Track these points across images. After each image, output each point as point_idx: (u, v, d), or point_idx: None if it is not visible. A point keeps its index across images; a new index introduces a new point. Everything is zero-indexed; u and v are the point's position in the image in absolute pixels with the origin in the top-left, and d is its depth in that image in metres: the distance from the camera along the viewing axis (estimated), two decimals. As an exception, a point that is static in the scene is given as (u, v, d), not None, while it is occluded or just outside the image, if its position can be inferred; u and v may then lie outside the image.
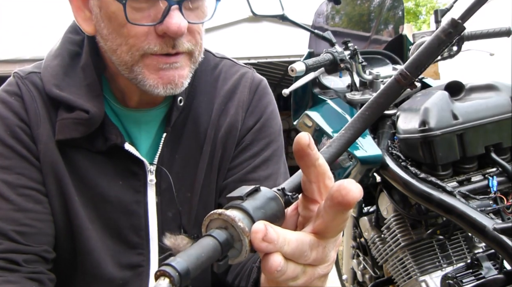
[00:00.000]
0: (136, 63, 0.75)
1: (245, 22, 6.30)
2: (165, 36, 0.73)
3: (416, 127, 1.39)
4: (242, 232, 0.38)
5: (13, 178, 0.78)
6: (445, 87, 1.50)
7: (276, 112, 0.96)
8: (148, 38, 0.73)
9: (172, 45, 0.74)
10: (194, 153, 0.88)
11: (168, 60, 0.75)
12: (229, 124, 0.88)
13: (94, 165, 0.83)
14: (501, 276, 1.26)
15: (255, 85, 0.93)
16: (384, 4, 2.15)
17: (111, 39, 0.75)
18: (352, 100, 1.73)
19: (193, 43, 0.77)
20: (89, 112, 0.79)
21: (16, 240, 0.75)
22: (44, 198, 0.80)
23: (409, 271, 1.53)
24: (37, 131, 0.80)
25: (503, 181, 1.39)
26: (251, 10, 1.42)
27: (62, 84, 0.82)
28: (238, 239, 0.39)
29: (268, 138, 0.91)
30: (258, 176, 0.86)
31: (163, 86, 0.76)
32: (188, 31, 0.75)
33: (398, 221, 1.55)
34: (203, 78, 0.92)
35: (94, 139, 0.82)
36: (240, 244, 0.39)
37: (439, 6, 3.07)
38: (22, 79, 0.84)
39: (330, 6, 2.12)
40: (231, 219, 0.38)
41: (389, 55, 1.98)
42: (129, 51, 0.74)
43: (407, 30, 3.66)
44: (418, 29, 13.46)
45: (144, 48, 0.73)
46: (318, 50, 1.87)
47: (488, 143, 1.41)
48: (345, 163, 1.60)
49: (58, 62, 0.84)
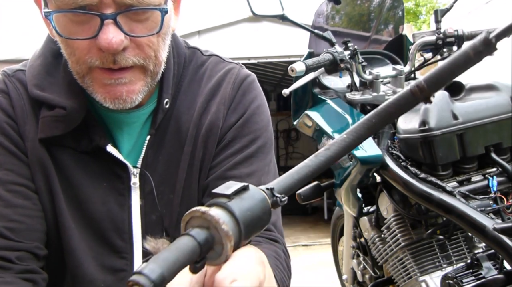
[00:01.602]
0: (86, 75, 0.74)
1: (245, 22, 6.29)
2: (104, 51, 0.70)
3: (416, 127, 1.39)
4: (225, 236, 0.35)
5: (2, 174, 0.78)
6: (445, 87, 1.50)
7: (263, 107, 0.91)
8: (90, 52, 0.71)
9: (112, 60, 0.70)
10: (176, 154, 0.86)
11: (112, 75, 0.72)
12: (210, 122, 0.85)
13: (79, 165, 0.82)
14: (501, 276, 1.26)
15: (240, 81, 0.89)
16: (384, 4, 2.15)
17: (63, 48, 0.75)
18: (352, 100, 1.73)
19: (142, 57, 0.73)
20: (66, 109, 0.78)
21: (7, 236, 0.75)
22: (33, 194, 0.80)
23: (409, 271, 1.53)
24: (24, 128, 0.80)
25: (503, 181, 1.38)
26: (251, 10, 1.42)
27: (43, 84, 0.82)
28: (220, 242, 0.36)
29: (253, 135, 0.87)
30: (239, 173, 0.82)
31: (110, 101, 0.74)
32: (135, 44, 0.71)
33: (398, 221, 1.55)
34: (189, 77, 0.89)
35: (79, 139, 0.81)
36: (221, 247, 0.36)
37: (439, 6, 3.06)
38: (9, 77, 0.84)
39: (330, 6, 2.12)
40: (215, 220, 0.35)
41: (389, 55, 1.98)
42: (77, 62, 0.73)
43: (407, 30, 3.66)
44: (418, 29, 13.46)
45: (87, 61, 0.71)
46: (318, 50, 1.87)
47: (488, 143, 1.41)
48: (345, 163, 1.60)
49: (40, 62, 0.84)
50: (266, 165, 0.88)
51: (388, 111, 0.44)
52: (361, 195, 1.73)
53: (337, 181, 1.70)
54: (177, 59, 0.88)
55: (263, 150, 0.87)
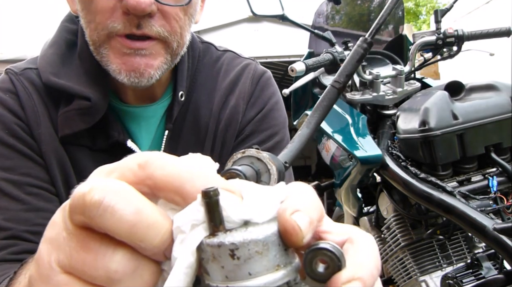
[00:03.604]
0: (103, 44, 0.69)
1: (245, 22, 6.30)
2: (129, 13, 0.65)
3: (416, 127, 1.39)
4: (269, 161, 0.37)
5: (18, 177, 0.72)
6: (445, 87, 1.50)
7: (280, 104, 0.91)
8: (113, 15, 0.66)
9: (137, 24, 0.66)
10: (194, 149, 0.83)
11: (132, 45, 0.68)
12: (229, 117, 0.84)
13: (96, 164, 0.79)
14: (501, 276, 1.26)
15: (258, 76, 0.89)
16: (384, 4, 2.15)
17: (83, 16, 0.70)
18: (352, 100, 1.73)
19: (167, 30, 0.69)
20: (91, 99, 0.73)
21: (31, 240, 0.70)
22: (54, 197, 0.75)
23: (409, 271, 1.53)
24: (37, 131, 0.75)
25: (503, 181, 1.38)
26: (251, 10, 1.42)
27: (60, 73, 0.76)
28: (265, 170, 0.37)
29: (271, 130, 0.86)
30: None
31: (126, 73, 0.69)
32: (162, 14, 0.68)
33: (398, 221, 1.55)
34: (204, 72, 0.88)
35: (95, 136, 0.77)
36: (268, 175, 0.37)
37: (439, 6, 3.04)
38: (17, 75, 0.78)
39: (330, 6, 2.13)
40: (256, 152, 0.37)
41: (389, 55, 1.98)
42: (95, 29, 0.68)
43: (407, 30, 3.65)
44: (418, 29, 13.46)
45: (108, 26, 0.67)
46: (318, 50, 1.88)
47: (488, 143, 1.41)
48: (345, 163, 1.60)
49: (54, 51, 0.79)
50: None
51: (323, 105, 0.59)
52: (361, 195, 1.73)
53: (337, 181, 1.70)
54: (191, 53, 0.87)
55: (280, 145, 0.87)
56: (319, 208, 0.29)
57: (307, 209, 0.28)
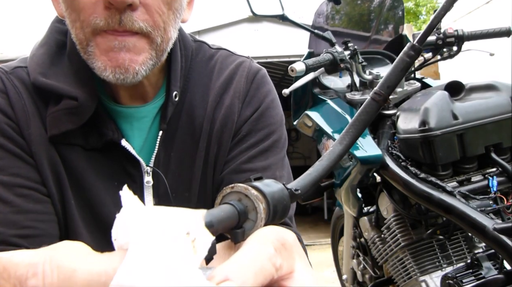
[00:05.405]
0: (89, 42, 0.69)
1: (245, 22, 6.30)
2: (111, 8, 0.65)
3: (416, 127, 1.39)
4: (256, 198, 0.37)
5: (8, 178, 0.71)
6: (445, 87, 1.50)
7: (277, 102, 0.89)
8: (96, 11, 0.66)
9: (118, 20, 0.66)
10: (189, 150, 0.83)
11: (115, 37, 0.67)
12: (224, 117, 0.83)
13: (89, 164, 0.77)
14: (501, 276, 1.26)
15: (253, 74, 0.87)
16: (384, 4, 2.15)
17: (68, 16, 0.70)
18: (352, 100, 1.73)
19: (150, 25, 0.68)
20: (78, 99, 0.73)
21: (19, 244, 0.69)
22: (44, 197, 0.74)
23: (409, 271, 1.53)
24: (28, 131, 0.74)
25: (503, 181, 1.38)
26: (251, 10, 1.42)
27: (48, 73, 0.76)
28: (253, 207, 0.37)
29: (268, 129, 0.84)
30: (255, 166, 0.80)
31: (111, 69, 0.68)
32: (144, 8, 0.67)
33: (398, 221, 1.55)
34: (198, 70, 0.87)
35: (88, 135, 0.76)
36: (255, 213, 0.37)
37: (439, 6, 3.05)
38: (7, 74, 0.77)
39: (330, 6, 2.12)
40: (244, 188, 0.37)
41: (389, 55, 1.98)
42: (81, 27, 0.68)
43: (407, 30, 3.65)
44: (418, 29, 13.45)
45: (91, 23, 0.66)
46: (318, 50, 1.88)
47: (488, 143, 1.41)
48: (345, 163, 1.60)
49: (44, 51, 0.79)
50: (281, 159, 0.85)
51: (361, 119, 0.53)
52: (361, 195, 1.73)
53: (337, 181, 1.70)
54: (184, 52, 0.86)
55: (277, 144, 0.85)
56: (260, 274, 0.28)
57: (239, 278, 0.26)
